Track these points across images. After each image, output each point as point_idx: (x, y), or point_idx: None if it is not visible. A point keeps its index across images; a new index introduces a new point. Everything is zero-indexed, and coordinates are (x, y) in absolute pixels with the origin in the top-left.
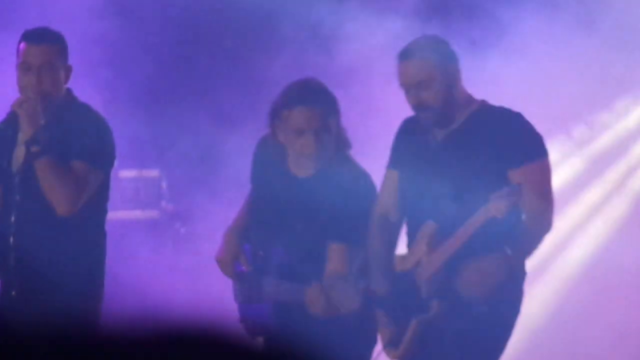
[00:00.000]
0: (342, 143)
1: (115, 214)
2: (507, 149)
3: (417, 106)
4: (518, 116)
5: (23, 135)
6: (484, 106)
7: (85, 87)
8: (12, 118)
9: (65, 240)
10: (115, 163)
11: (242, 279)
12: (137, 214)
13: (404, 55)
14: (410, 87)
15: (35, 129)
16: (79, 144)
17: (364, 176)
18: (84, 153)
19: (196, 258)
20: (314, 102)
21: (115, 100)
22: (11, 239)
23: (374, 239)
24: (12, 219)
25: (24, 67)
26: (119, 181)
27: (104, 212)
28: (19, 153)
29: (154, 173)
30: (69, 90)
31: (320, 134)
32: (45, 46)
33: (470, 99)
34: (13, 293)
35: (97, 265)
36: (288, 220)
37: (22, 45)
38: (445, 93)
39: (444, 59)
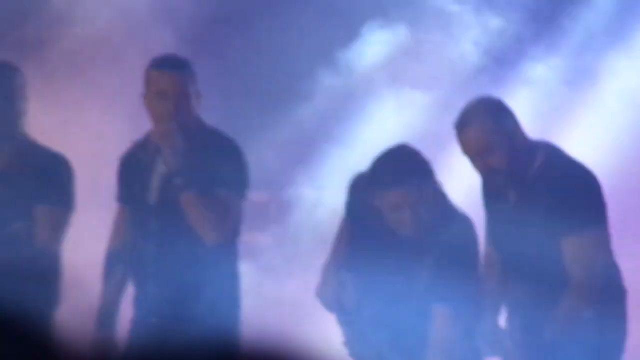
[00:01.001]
0: (439, 198)
1: None
2: (562, 215)
3: (487, 173)
4: (581, 177)
5: (165, 167)
6: (549, 159)
7: None
8: (146, 145)
9: (205, 266)
10: None
11: (346, 315)
12: (245, 238)
13: (461, 125)
14: (474, 157)
15: (178, 160)
16: (221, 171)
17: (466, 226)
18: (227, 181)
19: (304, 283)
20: (408, 184)
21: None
22: (149, 267)
23: (485, 275)
24: (150, 247)
25: (159, 95)
26: None
27: (238, 236)
28: (157, 182)
29: (263, 197)
30: (198, 116)
31: (416, 208)
32: (180, 73)
33: (533, 148)
34: (153, 321)
35: (236, 289)
36: (389, 277)
37: (155, 73)
38: (510, 155)
39: (501, 121)
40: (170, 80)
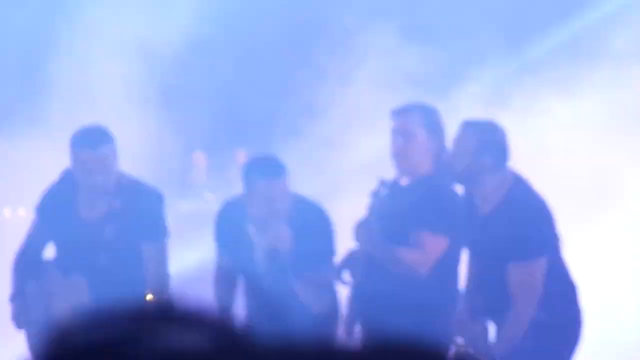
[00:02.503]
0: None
1: None
2: (512, 242)
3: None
4: (534, 210)
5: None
6: (512, 189)
7: None
8: (242, 213)
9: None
10: None
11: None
12: None
13: (463, 124)
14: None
15: (288, 265)
16: (319, 246)
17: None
18: (325, 257)
19: None
20: (406, 114)
21: None
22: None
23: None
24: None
25: (270, 199)
26: None
27: None
28: (261, 259)
29: None
30: None
31: (409, 139)
32: (283, 177)
33: (502, 176)
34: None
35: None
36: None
37: (263, 181)
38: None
39: (484, 150)
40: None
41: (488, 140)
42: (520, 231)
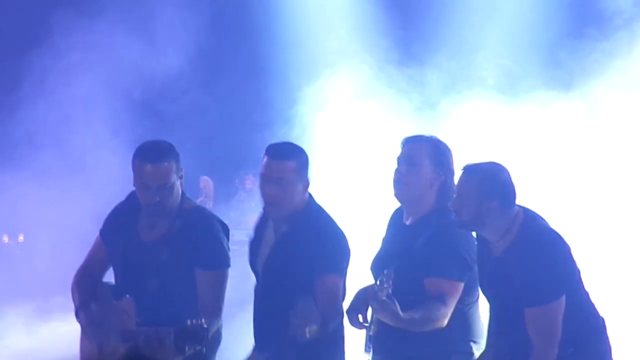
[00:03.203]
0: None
1: None
2: (522, 286)
3: (453, 210)
4: (547, 252)
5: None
6: (522, 231)
7: None
8: (267, 221)
9: None
10: None
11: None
12: None
13: (465, 169)
14: (456, 193)
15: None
16: (323, 257)
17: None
18: (331, 266)
19: None
20: (418, 141)
21: None
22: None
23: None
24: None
25: (267, 179)
26: None
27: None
28: (265, 255)
29: None
30: None
31: (415, 164)
32: (291, 162)
33: (510, 218)
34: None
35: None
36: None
37: (267, 160)
38: (476, 216)
39: (487, 194)
40: (280, 167)
41: (492, 184)
42: (535, 275)
